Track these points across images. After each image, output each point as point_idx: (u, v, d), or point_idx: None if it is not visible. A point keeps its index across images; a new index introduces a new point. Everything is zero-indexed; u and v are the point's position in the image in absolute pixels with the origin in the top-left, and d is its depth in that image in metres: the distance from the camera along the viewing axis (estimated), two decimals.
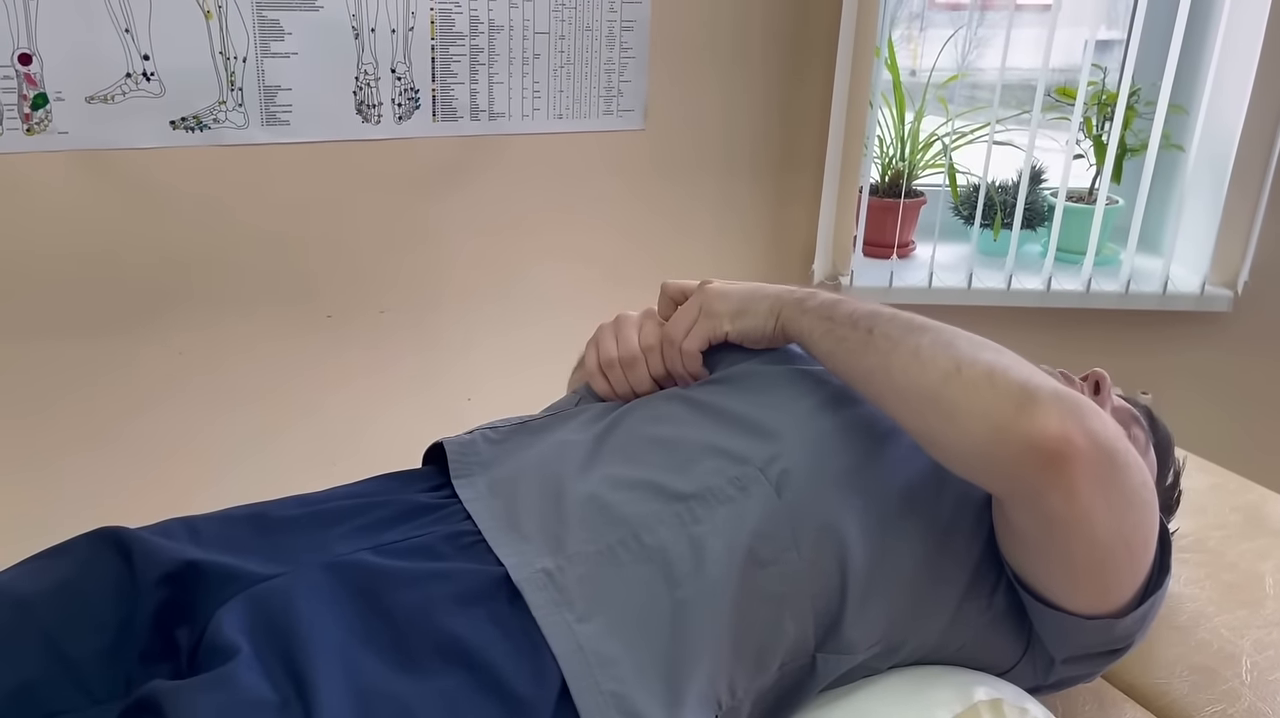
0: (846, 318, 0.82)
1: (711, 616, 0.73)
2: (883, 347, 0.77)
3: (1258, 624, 1.01)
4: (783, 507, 0.77)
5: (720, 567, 0.74)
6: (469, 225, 1.81)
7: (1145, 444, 1.07)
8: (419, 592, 0.70)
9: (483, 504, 0.78)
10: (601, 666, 0.68)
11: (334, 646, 0.65)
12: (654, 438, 0.84)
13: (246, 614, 0.67)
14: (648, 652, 0.70)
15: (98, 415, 1.64)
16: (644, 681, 0.69)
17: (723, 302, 0.91)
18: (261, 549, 0.74)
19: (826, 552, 0.76)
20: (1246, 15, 1.92)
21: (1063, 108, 2.08)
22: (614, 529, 0.75)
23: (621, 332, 0.96)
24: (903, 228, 2.16)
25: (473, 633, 0.68)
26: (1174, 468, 1.13)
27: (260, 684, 0.62)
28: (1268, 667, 0.96)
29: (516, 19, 1.73)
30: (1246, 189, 1.97)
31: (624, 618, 0.71)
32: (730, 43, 1.88)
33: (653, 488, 0.78)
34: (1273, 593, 1.07)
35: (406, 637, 0.67)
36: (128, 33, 1.49)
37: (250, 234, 1.67)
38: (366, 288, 1.77)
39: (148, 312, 1.63)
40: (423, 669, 0.66)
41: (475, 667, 0.66)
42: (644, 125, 1.88)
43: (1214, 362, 2.11)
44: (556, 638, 0.69)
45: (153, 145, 1.56)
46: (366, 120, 1.68)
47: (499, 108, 1.77)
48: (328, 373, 1.77)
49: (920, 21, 2.31)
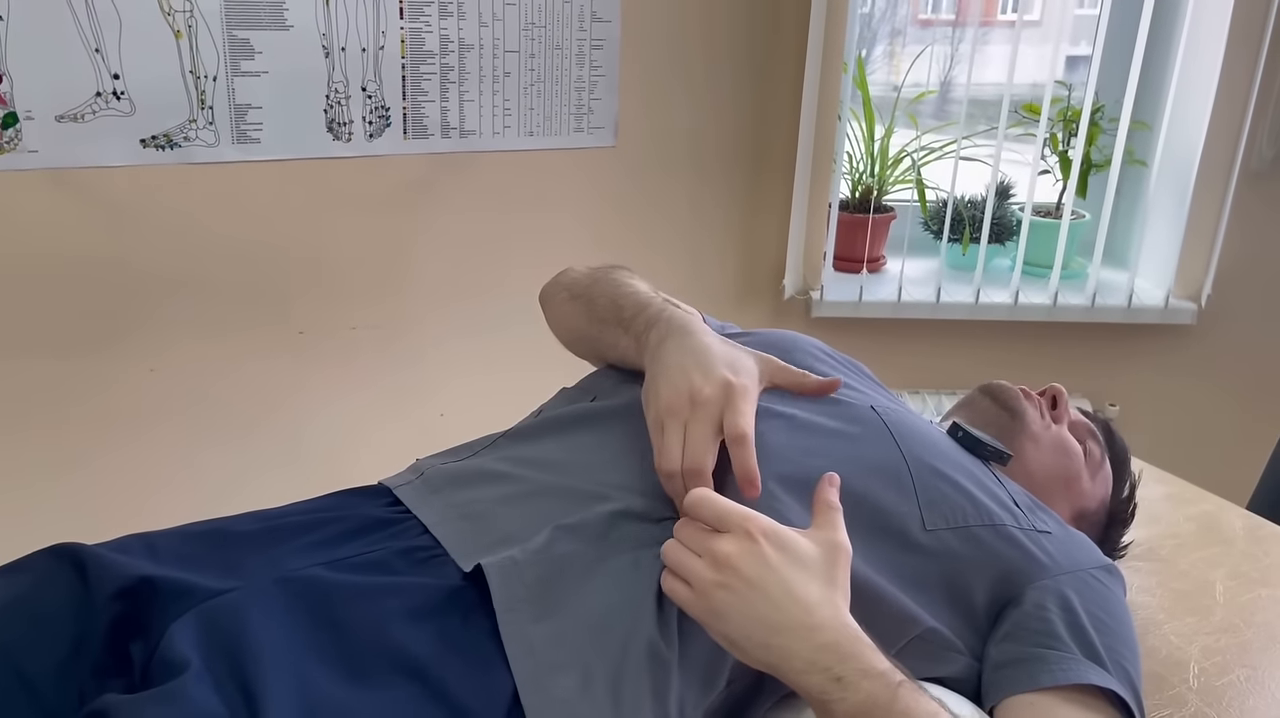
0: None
1: (662, 632, 0.74)
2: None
3: (1206, 631, 1.03)
4: None
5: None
6: (440, 242, 1.82)
7: (1100, 458, 1.10)
8: (371, 606, 0.71)
9: (441, 518, 0.79)
10: (552, 671, 0.69)
11: (285, 659, 0.66)
12: (620, 451, 0.85)
13: (198, 629, 0.68)
14: (597, 660, 0.71)
15: (69, 433, 1.65)
16: (590, 688, 0.70)
17: (732, 644, 0.71)
18: (216, 564, 0.75)
19: None
20: (1207, 32, 1.96)
21: (1030, 124, 2.11)
22: (580, 537, 0.76)
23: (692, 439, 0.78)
24: (873, 243, 2.19)
25: (423, 647, 0.69)
26: (1130, 481, 1.15)
27: (210, 698, 0.63)
28: (1215, 672, 0.98)
29: (487, 38, 1.74)
30: (1208, 203, 2.00)
31: (577, 624, 0.72)
32: (700, 61, 1.91)
33: (615, 502, 0.79)
34: (1222, 601, 1.08)
35: (357, 650, 0.68)
36: (98, 52, 1.50)
37: (221, 251, 1.68)
38: (338, 305, 1.78)
39: (119, 329, 1.64)
40: (373, 682, 0.67)
41: (425, 679, 0.67)
42: (615, 143, 1.90)
43: (1179, 374, 2.14)
44: (511, 639, 0.70)
45: (123, 164, 1.56)
46: (337, 138, 1.70)
47: (470, 125, 1.78)
48: (300, 390, 1.78)
49: (903, 38, 2.34)
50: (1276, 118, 1.95)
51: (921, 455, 0.88)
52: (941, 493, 0.85)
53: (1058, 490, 1.03)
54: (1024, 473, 1.01)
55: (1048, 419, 1.07)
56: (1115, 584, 0.90)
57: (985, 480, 0.91)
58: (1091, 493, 1.07)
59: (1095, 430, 1.12)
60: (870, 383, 1.04)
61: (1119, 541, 1.14)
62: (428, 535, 0.79)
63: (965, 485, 0.88)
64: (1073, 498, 1.06)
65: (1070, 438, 1.07)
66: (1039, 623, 0.83)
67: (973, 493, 0.88)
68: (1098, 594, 0.86)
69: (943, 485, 0.86)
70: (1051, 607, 0.84)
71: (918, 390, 2.11)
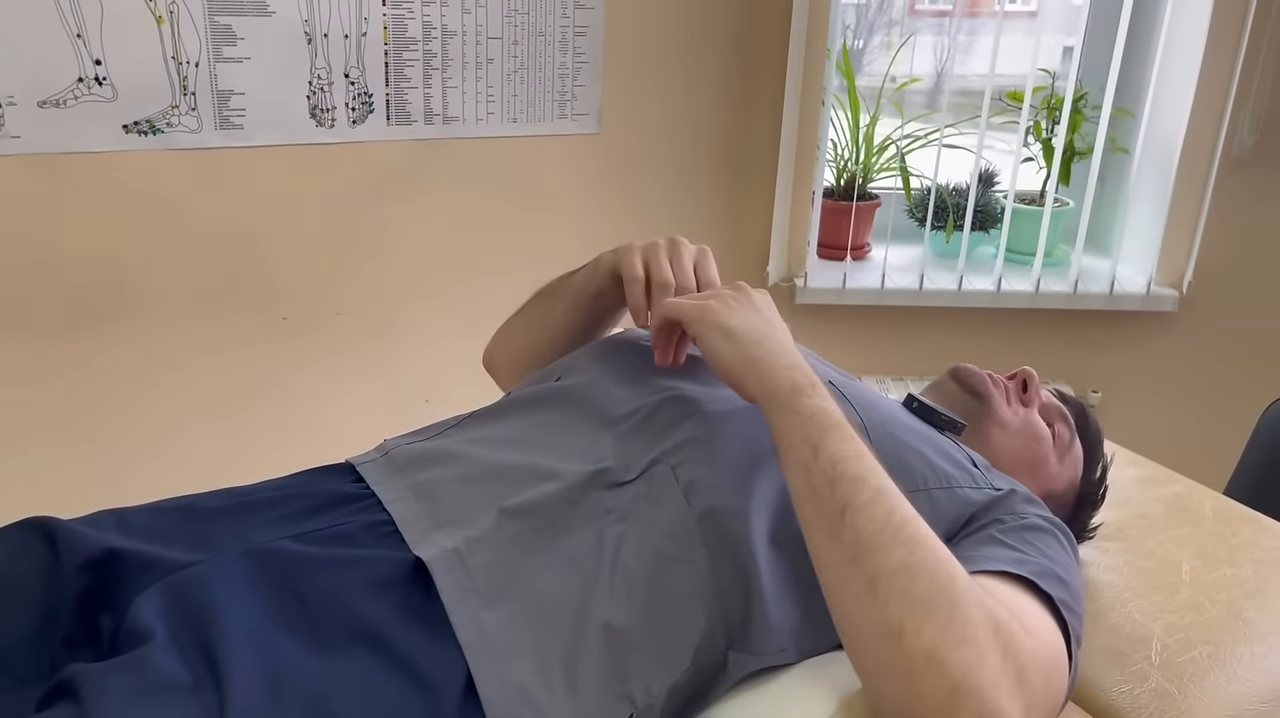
0: (827, 465, 0.73)
1: (618, 611, 0.74)
2: (845, 540, 0.70)
3: (1170, 609, 1.04)
4: (691, 511, 0.79)
5: (629, 563, 0.76)
6: (424, 227, 1.83)
7: (1069, 441, 1.10)
8: (335, 577, 0.72)
9: (398, 496, 0.80)
10: (505, 656, 0.70)
11: (248, 629, 0.67)
12: (581, 424, 0.87)
13: (164, 600, 0.69)
14: (551, 643, 0.72)
15: (52, 415, 1.66)
16: (545, 672, 0.71)
17: (730, 335, 0.82)
18: (185, 538, 0.76)
19: (734, 554, 0.78)
20: (1188, 20, 1.97)
21: (1014, 112, 2.12)
22: (530, 517, 0.77)
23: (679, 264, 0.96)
24: (858, 230, 2.20)
25: (385, 617, 0.70)
26: (1101, 463, 1.16)
27: (174, 666, 0.64)
28: (1177, 649, 0.99)
29: (469, 24, 1.75)
30: (1190, 191, 2.02)
31: (529, 607, 0.73)
32: (684, 47, 1.91)
33: (567, 479, 0.80)
34: (1188, 580, 1.10)
35: (321, 620, 0.69)
36: (79, 38, 1.51)
37: (204, 237, 1.68)
38: (322, 290, 1.79)
39: (102, 314, 1.65)
40: (335, 651, 0.68)
41: (387, 649, 0.69)
42: (599, 129, 1.91)
43: (1162, 360, 2.16)
44: (463, 626, 0.70)
45: (105, 149, 1.58)
46: (320, 124, 1.70)
47: (453, 112, 1.79)
48: (284, 375, 1.79)
49: (900, 28, 2.34)
50: (1257, 106, 1.96)
51: (879, 423, 0.89)
52: (900, 458, 0.86)
53: (1023, 474, 1.04)
54: (989, 456, 1.02)
55: (1015, 404, 1.07)
56: (1064, 538, 0.89)
57: (943, 445, 0.92)
58: (1059, 475, 1.08)
59: (1066, 413, 1.12)
60: (826, 367, 1.05)
61: (1088, 522, 1.15)
62: (388, 512, 0.80)
63: (922, 450, 0.89)
64: (1039, 480, 1.06)
65: (1038, 422, 1.07)
66: (982, 537, 0.85)
67: (929, 457, 0.89)
68: (1045, 538, 0.86)
69: (901, 450, 0.87)
70: (996, 535, 0.85)
71: (901, 377, 2.13)
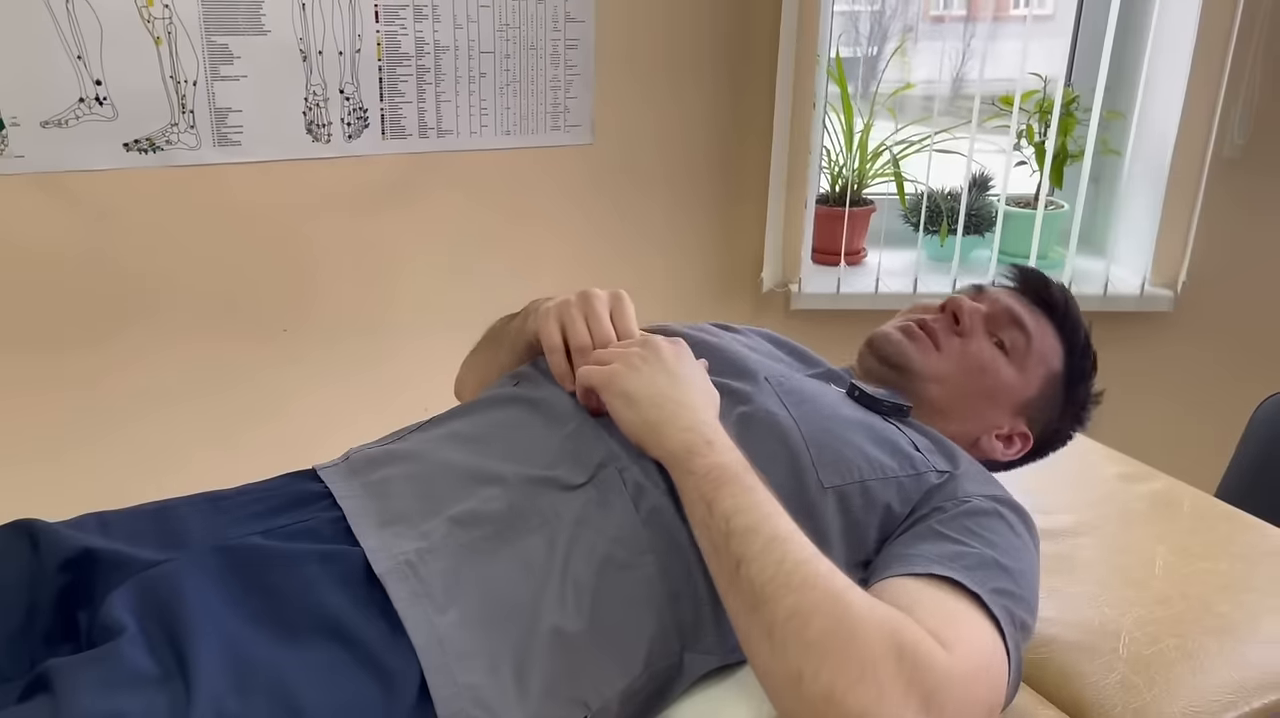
0: (722, 522, 0.75)
1: (569, 616, 0.77)
2: (744, 591, 0.72)
3: (1142, 603, 1.05)
4: (639, 515, 0.81)
5: (579, 568, 0.78)
6: (421, 239, 1.86)
7: (1026, 344, 1.06)
8: (301, 571, 0.75)
9: (356, 501, 0.83)
10: (458, 658, 0.72)
11: (216, 622, 0.70)
12: (534, 427, 0.89)
13: (135, 596, 0.72)
14: (502, 646, 0.74)
15: (56, 426, 1.70)
16: (497, 674, 0.73)
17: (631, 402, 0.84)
18: (159, 537, 0.79)
19: (682, 557, 0.80)
20: (1177, 22, 1.98)
21: (1007, 116, 2.13)
22: (480, 525, 0.80)
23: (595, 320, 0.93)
24: (853, 235, 2.21)
25: (348, 611, 0.73)
26: (1081, 333, 1.12)
27: (143, 658, 0.67)
28: (1145, 642, 1.00)
29: (462, 40, 1.79)
30: (1183, 192, 2.02)
31: (481, 611, 0.75)
32: (675, 57, 1.94)
33: (517, 482, 0.82)
34: (1161, 574, 1.11)
35: (287, 613, 0.72)
36: (80, 59, 1.55)
37: (205, 251, 1.72)
38: (321, 302, 1.83)
39: (105, 328, 1.69)
40: (300, 643, 0.71)
41: (350, 641, 0.71)
42: (592, 140, 1.94)
43: (1159, 360, 2.16)
44: (416, 629, 0.73)
45: (107, 167, 1.62)
46: (316, 139, 1.74)
47: (447, 125, 1.82)
48: (284, 384, 1.83)
49: (914, 34, 2.36)
50: (1247, 106, 1.97)
51: (814, 418, 0.90)
52: (836, 453, 0.87)
53: (984, 407, 1.04)
54: (938, 411, 1.02)
55: (949, 341, 1.04)
56: (1012, 516, 0.89)
57: (884, 433, 0.92)
58: (1025, 384, 1.06)
59: (1018, 313, 1.07)
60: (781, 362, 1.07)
61: (1086, 397, 1.13)
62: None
63: (857, 442, 0.89)
64: (1003, 402, 1.05)
65: (976, 351, 1.04)
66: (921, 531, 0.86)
67: (865, 448, 0.89)
68: (988, 521, 0.86)
69: (836, 445, 0.87)
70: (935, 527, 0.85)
71: None
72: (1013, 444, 1.09)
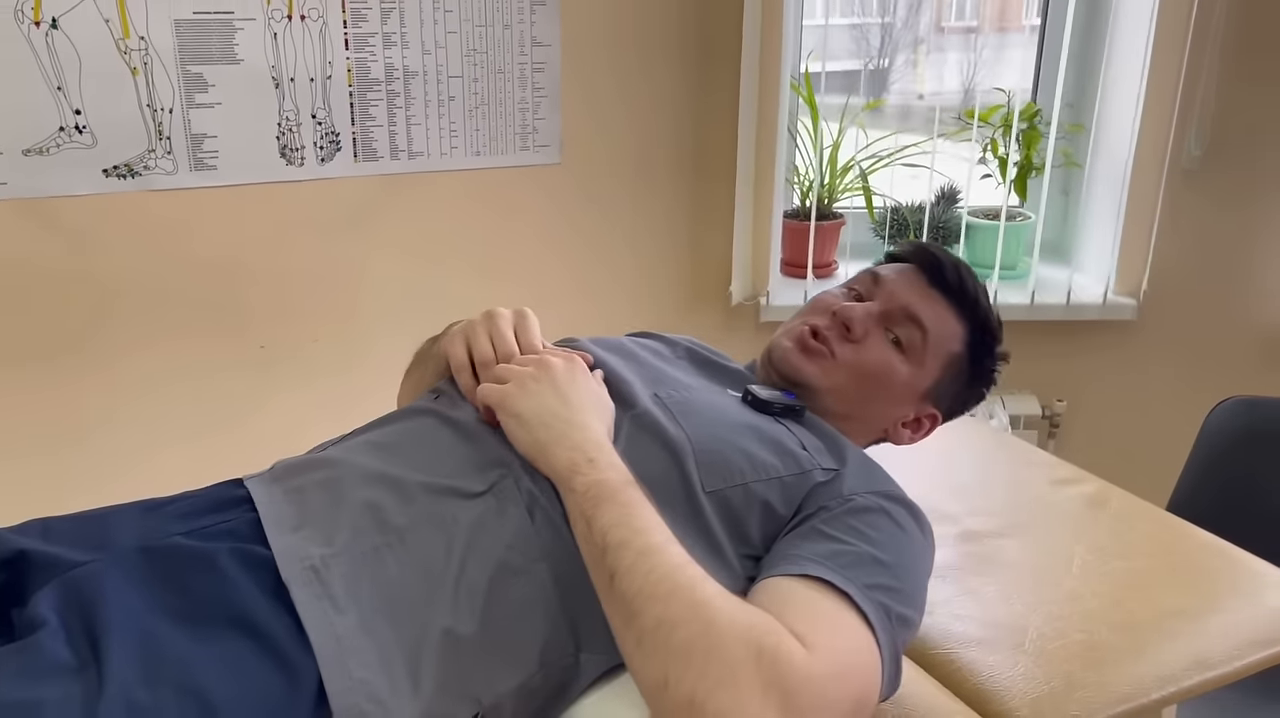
0: (599, 537, 0.80)
1: (461, 618, 0.81)
2: (617, 603, 0.77)
3: (1054, 600, 1.09)
4: (533, 522, 0.86)
5: (473, 573, 0.83)
6: (395, 258, 1.92)
7: (922, 341, 1.08)
8: (217, 568, 0.80)
9: (273, 506, 0.88)
10: (354, 654, 0.77)
11: (133, 617, 0.76)
12: (429, 443, 0.94)
13: (59, 594, 0.77)
14: (397, 644, 0.79)
15: (35, 445, 1.76)
16: (390, 671, 0.77)
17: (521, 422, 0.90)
18: (91, 540, 0.84)
19: (575, 561, 0.84)
20: (1131, 36, 2.02)
21: (972, 130, 2.18)
22: (383, 531, 0.84)
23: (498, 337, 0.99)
24: (825, 248, 2.26)
25: (259, 606, 0.78)
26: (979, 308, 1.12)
27: (61, 650, 0.73)
28: (1051, 637, 1.04)
29: (430, 65, 1.85)
30: (1142, 202, 2.06)
31: (379, 612, 0.80)
32: (641, 78, 2.00)
33: (421, 491, 0.87)
34: (1076, 573, 1.14)
35: (201, 608, 0.77)
36: (60, 89, 1.63)
37: (183, 272, 1.79)
38: (298, 320, 1.89)
39: (87, 348, 1.75)
40: (211, 636, 0.76)
41: (258, 635, 0.76)
42: (560, 159, 1.99)
43: (1125, 368, 2.20)
44: (314, 628, 0.77)
45: (87, 193, 1.68)
46: (290, 163, 1.81)
47: (418, 147, 1.89)
48: (261, 402, 1.89)
49: (926, 46, 2.41)
50: (1203, 117, 2.00)
51: (701, 426, 0.94)
52: (719, 455, 0.91)
53: (883, 405, 1.09)
54: (840, 415, 1.06)
55: (843, 349, 1.07)
56: (898, 510, 0.92)
57: (772, 434, 0.96)
58: (923, 377, 1.09)
59: (913, 309, 1.08)
60: (697, 369, 1.11)
61: (993, 366, 1.15)
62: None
63: (743, 445, 0.93)
64: (903, 396, 1.09)
65: (868, 356, 1.07)
66: (804, 530, 0.89)
67: (751, 451, 0.93)
68: (872, 517, 0.90)
69: (723, 450, 0.91)
70: (818, 526, 0.89)
71: None
72: (921, 427, 1.14)
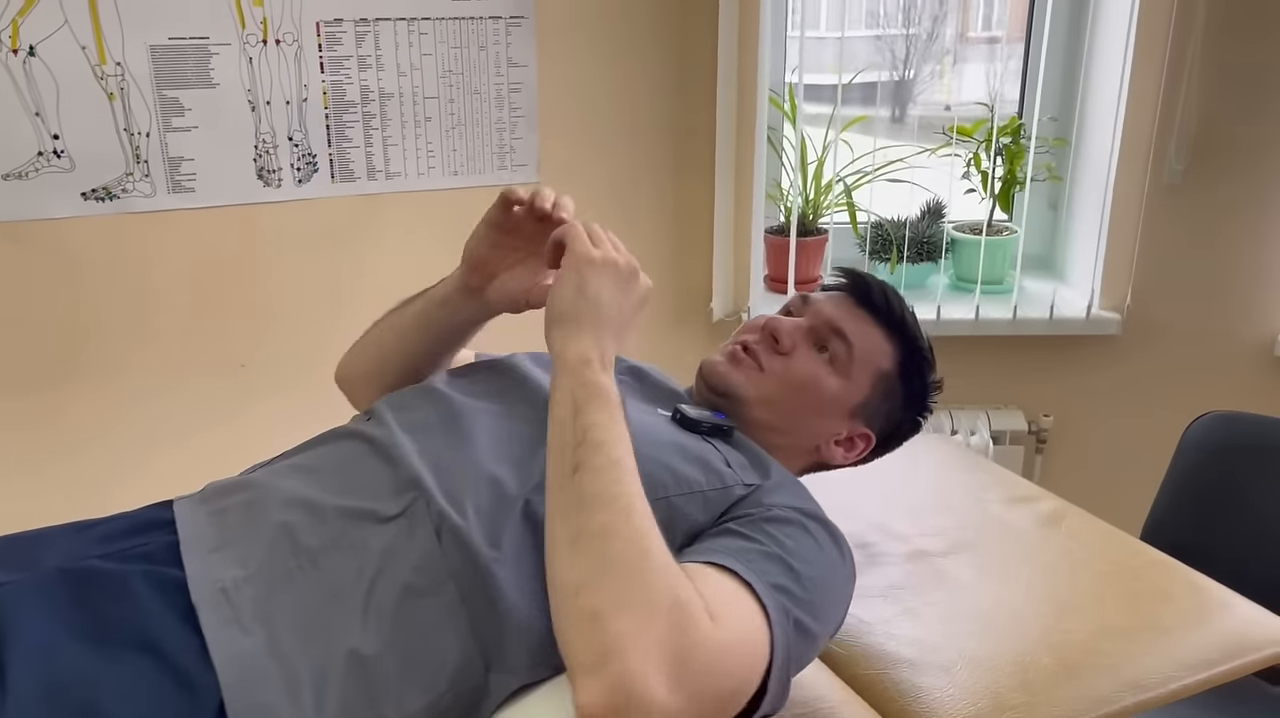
0: (580, 429, 0.83)
1: (368, 640, 0.82)
2: (568, 495, 0.80)
3: (994, 620, 1.08)
4: (440, 545, 0.86)
5: (381, 596, 0.83)
6: (372, 277, 1.94)
7: (848, 354, 1.10)
8: (128, 591, 0.82)
9: (194, 527, 0.89)
10: (258, 678, 0.78)
11: (40, 636, 0.77)
12: (350, 466, 0.95)
13: None
14: (302, 667, 0.80)
15: (15, 464, 1.79)
16: (294, 693, 0.78)
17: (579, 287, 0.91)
18: (18, 561, 0.86)
19: (482, 581, 0.85)
20: (1110, 50, 2.01)
21: (960, 145, 2.17)
22: (296, 554, 0.86)
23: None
24: (809, 264, 2.26)
25: (168, 629, 0.79)
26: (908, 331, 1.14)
27: None
28: (985, 657, 1.03)
29: (406, 86, 1.87)
30: (1125, 217, 2.05)
31: (286, 635, 0.81)
32: (620, 95, 2.01)
33: (338, 518, 0.88)
34: (1021, 593, 1.14)
35: (110, 630, 0.79)
36: (38, 115, 1.66)
37: (163, 293, 1.82)
38: (278, 339, 1.91)
39: (65, 366, 1.78)
40: (116, 657, 0.77)
41: (162, 656, 0.78)
42: (539, 178, 2.01)
43: (1111, 383, 2.18)
44: (219, 651, 0.78)
45: (67, 216, 1.72)
46: (268, 184, 1.83)
47: (395, 168, 1.91)
48: (242, 420, 1.91)
49: (952, 56, 2.41)
50: (1184, 131, 1.99)
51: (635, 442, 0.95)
52: (644, 471, 0.89)
53: (812, 419, 1.09)
54: (771, 429, 1.07)
55: (772, 362, 1.09)
56: (816, 527, 0.93)
57: (698, 451, 0.97)
58: (853, 389, 1.10)
59: (838, 324, 1.11)
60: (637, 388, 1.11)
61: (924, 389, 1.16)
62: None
63: (669, 461, 0.94)
64: (833, 410, 1.10)
65: (796, 369, 1.09)
66: (718, 531, 0.91)
67: (674, 465, 0.94)
68: (787, 528, 0.90)
69: (646, 465, 0.89)
70: (731, 527, 0.90)
71: None
72: (854, 446, 1.14)
